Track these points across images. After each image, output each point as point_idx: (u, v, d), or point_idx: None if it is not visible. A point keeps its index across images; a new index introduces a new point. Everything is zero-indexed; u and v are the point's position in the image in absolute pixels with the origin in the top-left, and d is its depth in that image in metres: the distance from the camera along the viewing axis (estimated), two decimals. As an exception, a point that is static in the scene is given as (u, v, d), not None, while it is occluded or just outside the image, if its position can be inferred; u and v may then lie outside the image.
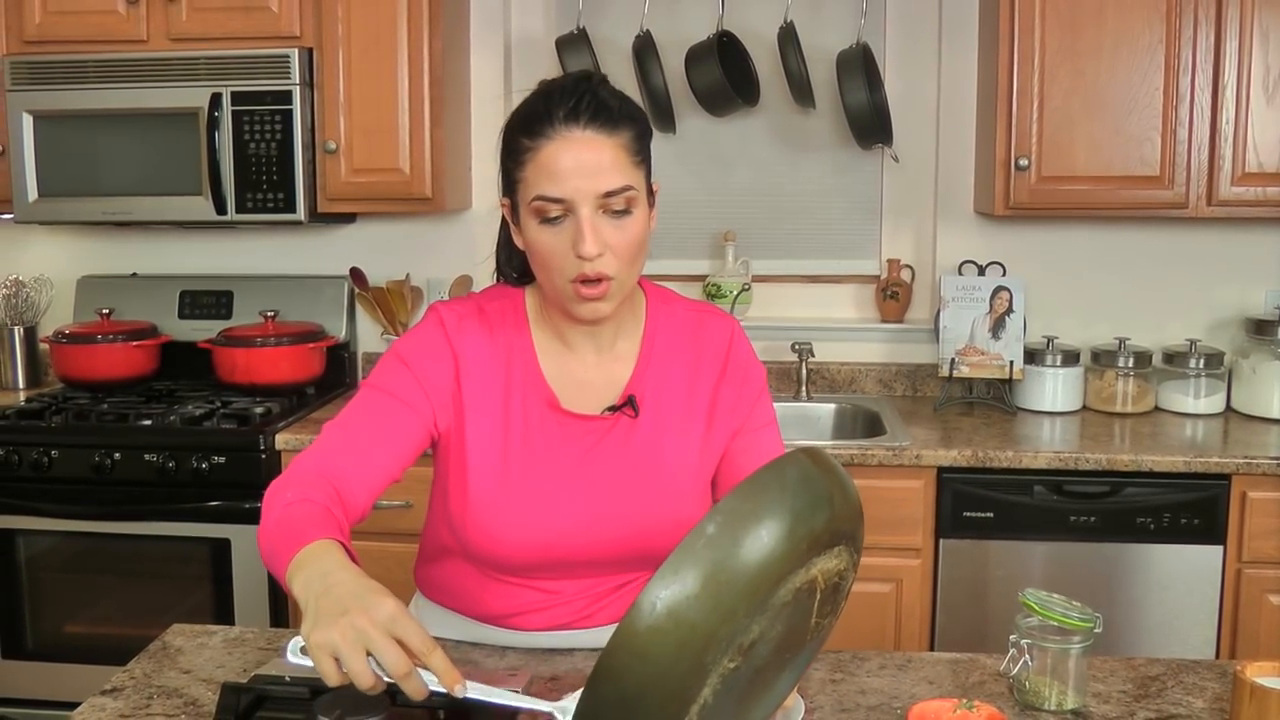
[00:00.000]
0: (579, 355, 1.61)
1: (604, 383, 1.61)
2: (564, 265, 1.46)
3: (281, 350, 3.28)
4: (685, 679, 0.94)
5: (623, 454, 1.58)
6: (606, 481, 1.57)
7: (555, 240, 1.46)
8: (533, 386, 1.59)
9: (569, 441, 1.58)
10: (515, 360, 1.59)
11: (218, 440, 2.99)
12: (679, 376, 1.62)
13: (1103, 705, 1.50)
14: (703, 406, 1.62)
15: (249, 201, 3.18)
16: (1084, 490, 2.79)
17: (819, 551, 1.02)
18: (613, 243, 1.45)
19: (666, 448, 1.59)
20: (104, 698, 1.53)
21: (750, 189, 3.53)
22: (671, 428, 1.60)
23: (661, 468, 1.58)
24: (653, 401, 1.60)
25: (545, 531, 1.56)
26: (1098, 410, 3.25)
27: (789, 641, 1.06)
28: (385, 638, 1.12)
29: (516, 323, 1.61)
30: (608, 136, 1.45)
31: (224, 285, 3.56)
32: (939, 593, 2.86)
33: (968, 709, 1.40)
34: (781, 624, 1.01)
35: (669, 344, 1.63)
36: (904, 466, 2.81)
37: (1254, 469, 2.74)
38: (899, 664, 1.61)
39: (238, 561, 3.00)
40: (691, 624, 0.93)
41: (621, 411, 1.59)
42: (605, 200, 1.44)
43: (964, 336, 3.25)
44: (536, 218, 1.46)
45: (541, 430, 1.58)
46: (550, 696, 1.49)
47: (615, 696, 0.93)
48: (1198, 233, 3.36)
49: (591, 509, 1.56)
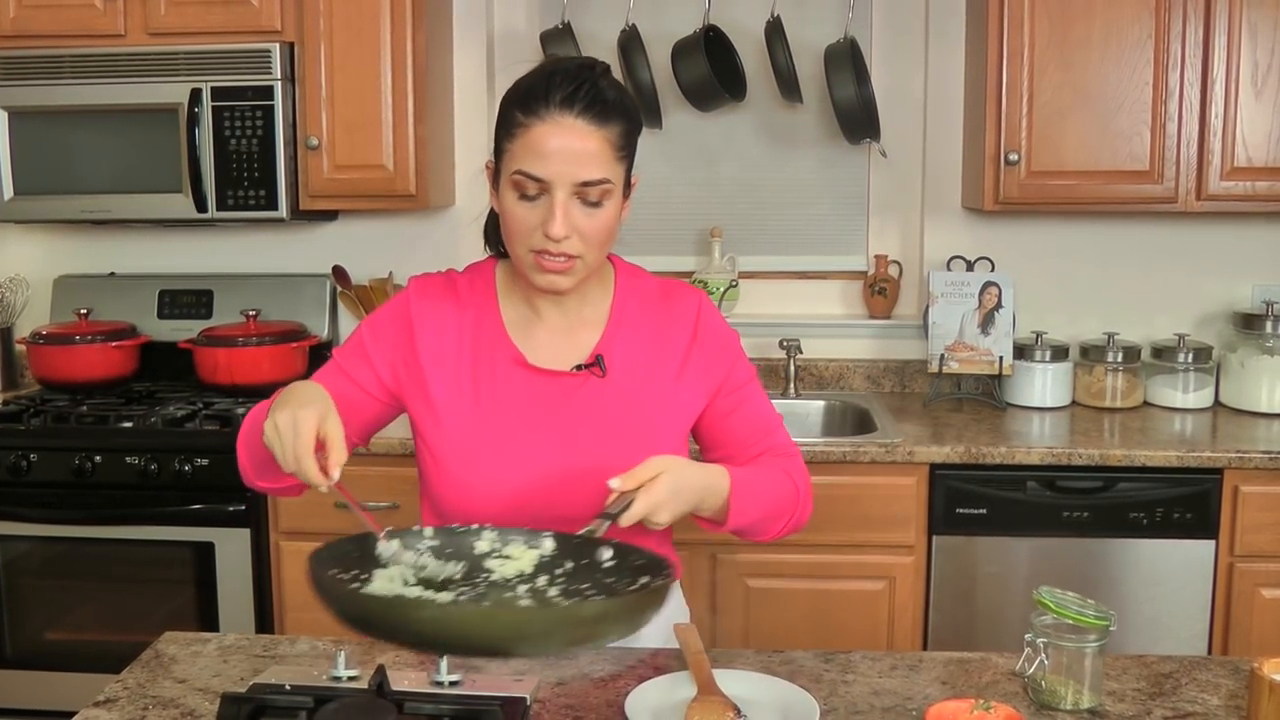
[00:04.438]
0: (546, 322, 1.67)
1: (571, 346, 1.66)
2: (529, 237, 1.54)
3: (263, 350, 3.22)
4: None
5: (592, 412, 1.63)
6: (576, 437, 1.61)
7: (527, 214, 1.53)
8: (500, 347, 1.65)
9: (538, 396, 1.63)
10: (483, 326, 1.66)
11: (200, 442, 2.94)
12: (647, 342, 1.68)
13: (1119, 704, 1.48)
14: (672, 368, 1.67)
15: (230, 199, 3.13)
16: (1077, 486, 2.78)
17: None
18: (581, 227, 1.53)
19: (635, 407, 1.64)
20: (98, 709, 1.49)
21: (737, 185, 3.51)
22: (640, 388, 1.65)
23: (630, 427, 1.62)
24: (621, 363, 1.65)
25: (516, 483, 1.60)
26: (1087, 405, 3.25)
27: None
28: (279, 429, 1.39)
29: (485, 293, 1.69)
30: (597, 128, 1.51)
31: (204, 284, 3.50)
32: (932, 590, 2.84)
33: (985, 710, 1.38)
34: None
35: (637, 312, 1.69)
36: (896, 463, 2.79)
37: (1246, 463, 2.74)
38: (910, 664, 1.59)
39: (222, 565, 2.95)
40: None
41: (590, 370, 1.64)
42: (582, 189, 1.51)
43: (953, 332, 3.24)
44: (515, 190, 1.53)
45: (509, 386, 1.63)
46: (558, 702, 1.47)
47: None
48: (1184, 228, 3.36)
49: (561, 463, 1.60)
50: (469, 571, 1.41)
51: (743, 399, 1.71)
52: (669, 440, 1.65)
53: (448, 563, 1.42)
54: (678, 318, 1.69)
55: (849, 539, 2.82)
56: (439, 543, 1.43)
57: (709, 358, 1.69)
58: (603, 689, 1.52)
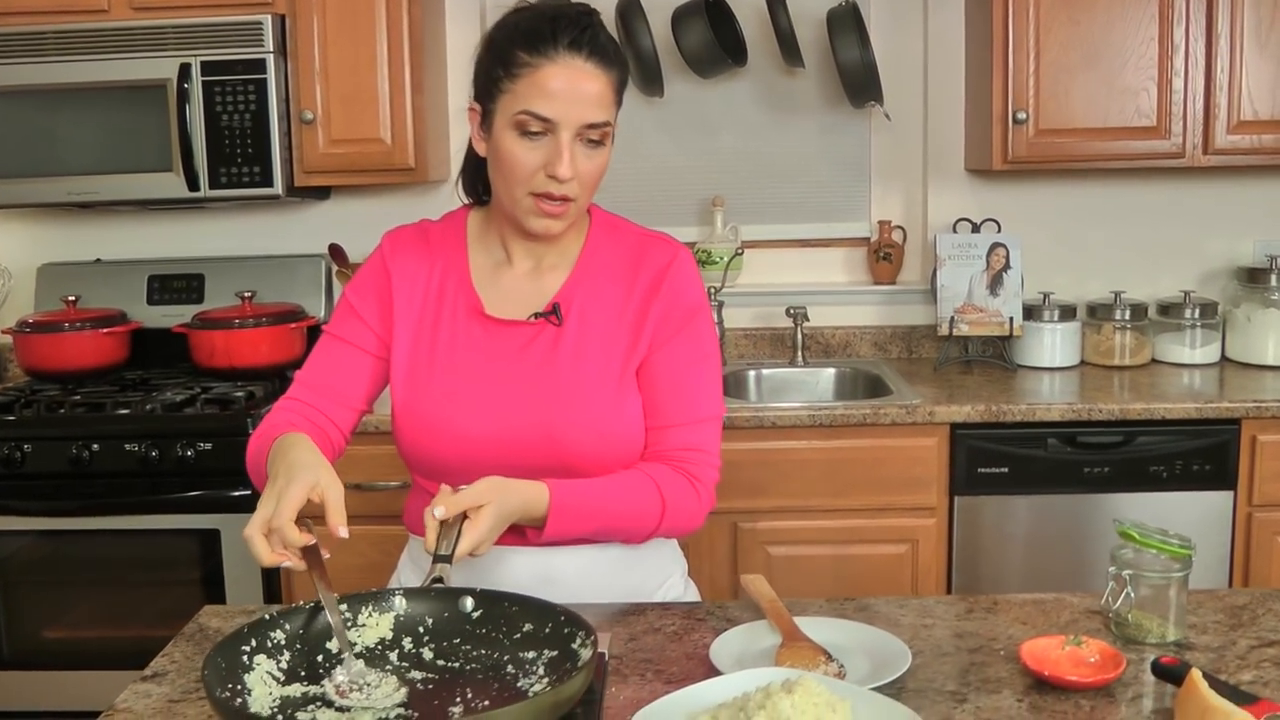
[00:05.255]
0: (516, 268, 1.66)
1: (534, 292, 1.65)
2: (530, 179, 1.53)
3: (261, 331, 3.15)
4: None
5: (544, 361, 1.61)
6: (525, 386, 1.60)
7: (528, 154, 1.52)
8: (462, 297, 1.65)
9: (493, 347, 1.62)
10: (449, 274, 1.66)
11: (202, 426, 2.86)
12: (612, 293, 1.64)
13: (1202, 636, 1.46)
14: (630, 320, 1.63)
15: (223, 176, 3.05)
16: (1096, 441, 2.77)
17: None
18: (582, 170, 1.53)
19: (587, 358, 1.61)
20: (147, 684, 1.43)
21: (738, 153, 3.47)
22: (595, 339, 1.62)
23: (579, 377, 1.60)
24: (579, 313, 1.63)
25: (465, 432, 1.59)
26: (1096, 364, 3.24)
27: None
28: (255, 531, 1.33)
29: (456, 241, 1.69)
30: (604, 72, 1.53)
31: (194, 268, 3.42)
32: (954, 552, 2.82)
33: (1076, 644, 1.35)
34: None
35: (606, 263, 1.66)
36: (917, 425, 2.77)
37: (1263, 412, 2.74)
38: (986, 607, 1.56)
39: (228, 553, 2.87)
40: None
41: (546, 319, 1.62)
42: (586, 130, 1.52)
43: (962, 294, 3.22)
44: (516, 130, 1.52)
45: (467, 336, 1.63)
46: (636, 657, 1.42)
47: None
48: (1186, 185, 3.36)
49: (509, 412, 1.58)
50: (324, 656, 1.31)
51: (680, 365, 1.63)
52: (615, 395, 1.60)
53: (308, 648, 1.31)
54: (648, 269, 1.65)
55: (870, 503, 2.79)
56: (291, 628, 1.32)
57: (664, 312, 1.63)
58: (679, 642, 1.48)
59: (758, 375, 3.30)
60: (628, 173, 3.38)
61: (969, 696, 1.30)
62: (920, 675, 1.35)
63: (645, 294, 1.63)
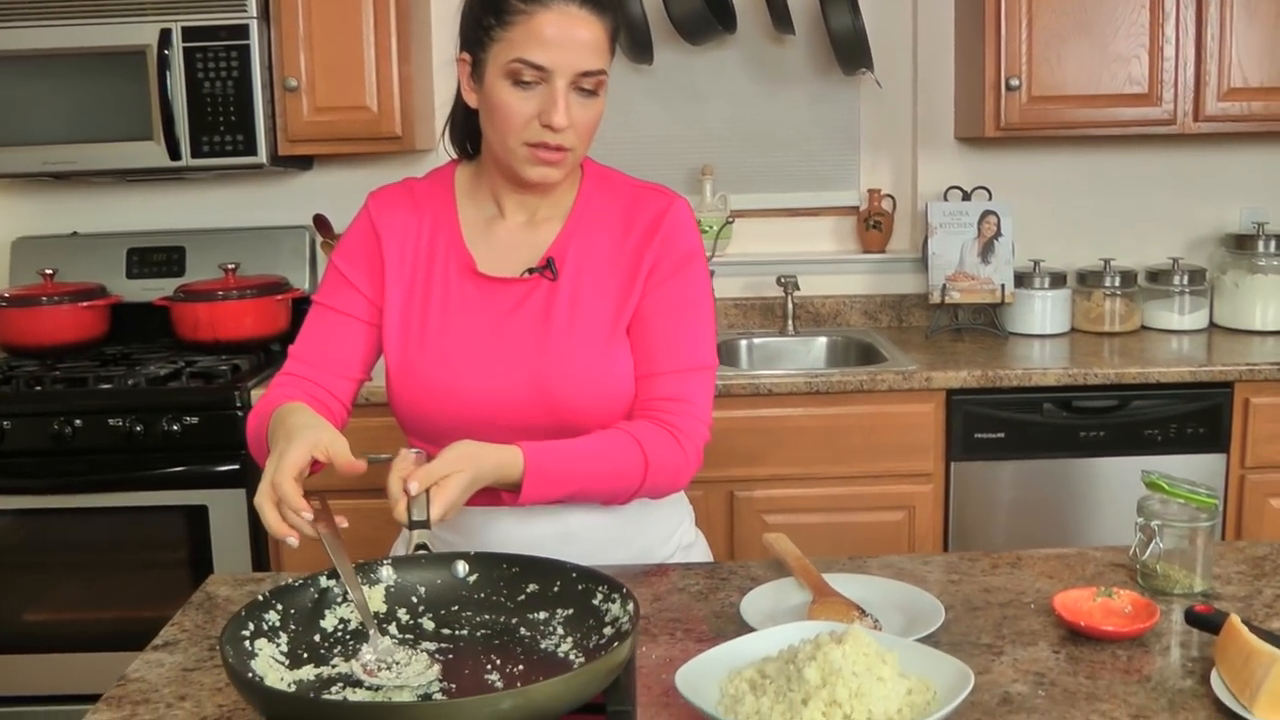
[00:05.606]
0: (509, 221, 1.63)
1: (527, 247, 1.61)
2: (523, 128, 1.50)
3: (245, 304, 3.09)
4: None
5: (538, 317, 1.57)
6: (520, 344, 1.56)
7: (522, 104, 1.49)
8: (453, 254, 1.61)
9: (487, 305, 1.59)
10: (440, 232, 1.62)
11: (188, 399, 2.81)
12: (605, 245, 1.60)
13: (1227, 586, 1.45)
14: (623, 269, 1.59)
15: (205, 145, 2.99)
16: (1092, 406, 2.78)
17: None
18: (577, 119, 1.50)
19: (583, 311, 1.58)
20: (158, 653, 1.39)
21: (727, 122, 3.44)
22: (588, 291, 1.58)
23: (574, 332, 1.56)
24: (574, 266, 1.59)
25: (461, 392, 1.55)
26: (1086, 331, 3.25)
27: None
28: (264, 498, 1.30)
29: (444, 197, 1.64)
30: (598, 19, 1.50)
31: (175, 241, 3.35)
32: (951, 518, 2.82)
33: (1108, 596, 1.35)
34: None
35: (600, 214, 1.62)
36: (914, 390, 2.76)
37: (1256, 375, 2.76)
38: (1010, 563, 1.55)
39: (217, 529, 2.82)
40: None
41: (540, 274, 1.58)
42: (581, 78, 1.48)
43: (953, 262, 3.21)
44: (509, 79, 1.49)
45: (460, 295, 1.59)
46: (663, 617, 1.40)
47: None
48: (1174, 153, 3.37)
49: (504, 371, 1.55)
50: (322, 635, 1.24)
51: (672, 311, 1.58)
52: (612, 345, 1.57)
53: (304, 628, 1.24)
54: (643, 218, 1.60)
55: (867, 470, 2.78)
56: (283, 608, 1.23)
57: (658, 260, 1.58)
58: (705, 601, 1.46)
59: (749, 345, 3.28)
60: (616, 141, 3.34)
61: (1005, 649, 1.29)
62: (954, 630, 1.34)
63: (639, 242, 1.59)
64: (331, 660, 1.19)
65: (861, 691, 1.04)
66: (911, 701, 1.06)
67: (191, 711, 1.23)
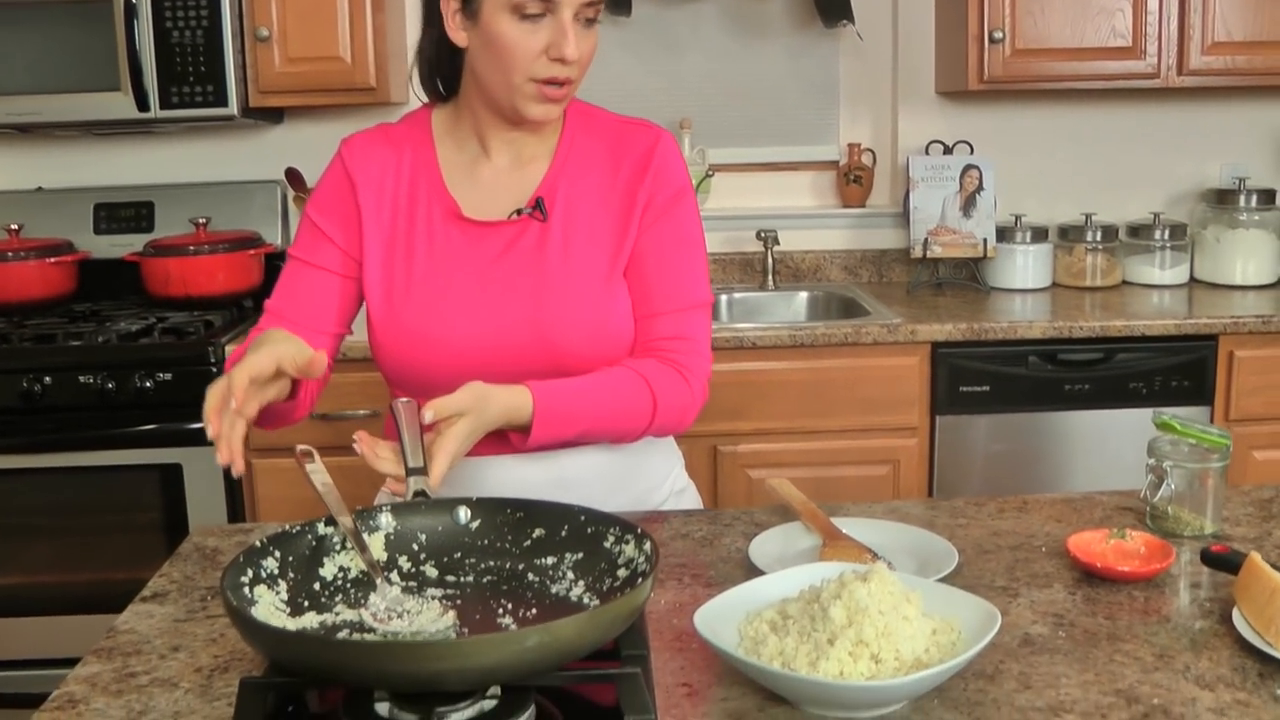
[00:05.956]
0: (494, 162, 1.57)
1: (514, 188, 1.57)
2: (530, 64, 1.45)
3: (218, 259, 3.03)
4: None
5: (531, 259, 1.53)
6: (512, 287, 1.52)
7: (529, 38, 1.44)
8: (436, 200, 1.56)
9: (474, 250, 1.54)
10: (419, 177, 1.57)
11: (161, 355, 2.74)
12: (595, 182, 1.56)
13: (1236, 528, 1.45)
14: (616, 208, 1.56)
15: (174, 96, 2.91)
16: (1077, 359, 2.77)
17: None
18: (582, 50, 1.46)
19: (576, 252, 1.54)
20: (148, 604, 1.35)
21: (705, 76, 3.39)
22: (581, 231, 1.54)
23: (569, 273, 1.52)
24: (564, 205, 1.55)
25: (452, 342, 1.51)
26: (1067, 286, 3.24)
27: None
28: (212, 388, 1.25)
29: (422, 141, 1.58)
30: None
31: (143, 196, 3.27)
32: (935, 472, 2.81)
33: (1121, 538, 1.33)
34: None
35: (586, 150, 1.58)
36: (898, 343, 2.74)
37: (1240, 328, 2.76)
38: (1016, 507, 1.53)
39: (191, 488, 2.76)
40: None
41: (530, 216, 1.54)
42: (585, 8, 1.45)
43: (935, 217, 3.19)
44: (514, 14, 1.43)
45: (445, 241, 1.54)
46: (668, 563, 1.37)
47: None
48: (1155, 108, 3.35)
49: (496, 317, 1.51)
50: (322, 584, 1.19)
51: (670, 248, 1.56)
52: (610, 286, 1.54)
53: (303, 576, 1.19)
54: (631, 154, 1.57)
55: (851, 424, 2.77)
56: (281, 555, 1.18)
57: (651, 196, 1.55)
58: (710, 547, 1.43)
59: (729, 300, 3.25)
60: (592, 94, 3.24)
61: (1021, 591, 1.27)
62: (967, 573, 1.32)
63: (630, 179, 1.55)
64: (335, 608, 1.15)
65: (889, 631, 1.01)
66: (937, 641, 1.04)
67: (186, 663, 1.19)
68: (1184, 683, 1.07)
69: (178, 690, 1.13)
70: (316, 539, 1.20)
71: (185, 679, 1.16)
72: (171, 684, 1.15)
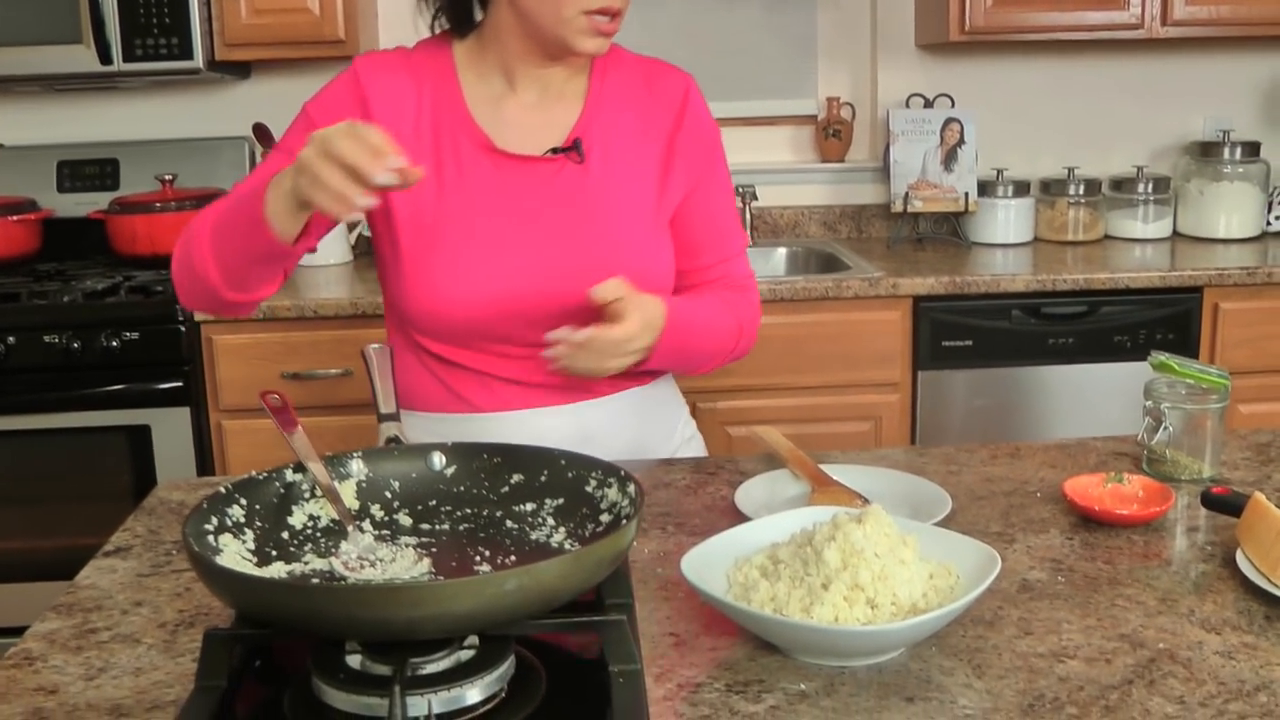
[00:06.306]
0: (520, 98, 1.49)
1: (546, 125, 1.49)
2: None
3: (185, 216, 2.93)
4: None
5: (570, 201, 1.46)
6: (552, 229, 1.45)
7: None
8: (463, 131, 1.47)
9: (508, 185, 1.46)
10: (443, 107, 1.48)
11: (128, 314, 2.68)
12: (629, 123, 1.51)
13: (1235, 472, 1.41)
14: (657, 154, 1.51)
15: (138, 48, 2.83)
16: (1061, 312, 2.74)
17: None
18: None
19: (618, 195, 1.48)
20: (110, 559, 1.30)
21: (680, 28, 3.33)
22: (622, 175, 1.49)
23: (613, 216, 1.47)
24: (601, 148, 1.48)
25: (489, 282, 1.43)
26: (1049, 240, 3.20)
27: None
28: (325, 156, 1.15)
29: (444, 70, 1.50)
30: None
31: (108, 153, 3.19)
32: (918, 428, 2.78)
33: (1118, 481, 1.29)
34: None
35: (618, 90, 1.52)
36: (880, 298, 2.70)
37: (1225, 280, 2.73)
38: (1009, 453, 1.49)
39: (160, 450, 2.71)
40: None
41: (566, 155, 1.47)
42: None
43: (915, 171, 3.14)
44: None
45: (475, 173, 1.46)
46: (651, 511, 1.33)
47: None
48: (1137, 60, 3.31)
49: (537, 258, 1.44)
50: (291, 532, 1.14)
51: (715, 201, 1.56)
52: (650, 233, 1.50)
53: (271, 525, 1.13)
54: (663, 99, 1.52)
55: (832, 380, 2.73)
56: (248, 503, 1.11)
57: (692, 147, 1.52)
58: (694, 495, 1.39)
59: (709, 257, 3.19)
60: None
61: (1016, 537, 1.23)
62: (961, 519, 1.28)
63: (668, 127, 1.50)
64: (304, 557, 1.10)
65: (885, 575, 0.97)
66: (935, 586, 1.00)
67: (149, 618, 1.14)
68: (1189, 626, 1.03)
69: (140, 646, 1.08)
70: (284, 486, 1.15)
71: (148, 635, 1.10)
72: (134, 640, 1.10)
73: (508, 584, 0.85)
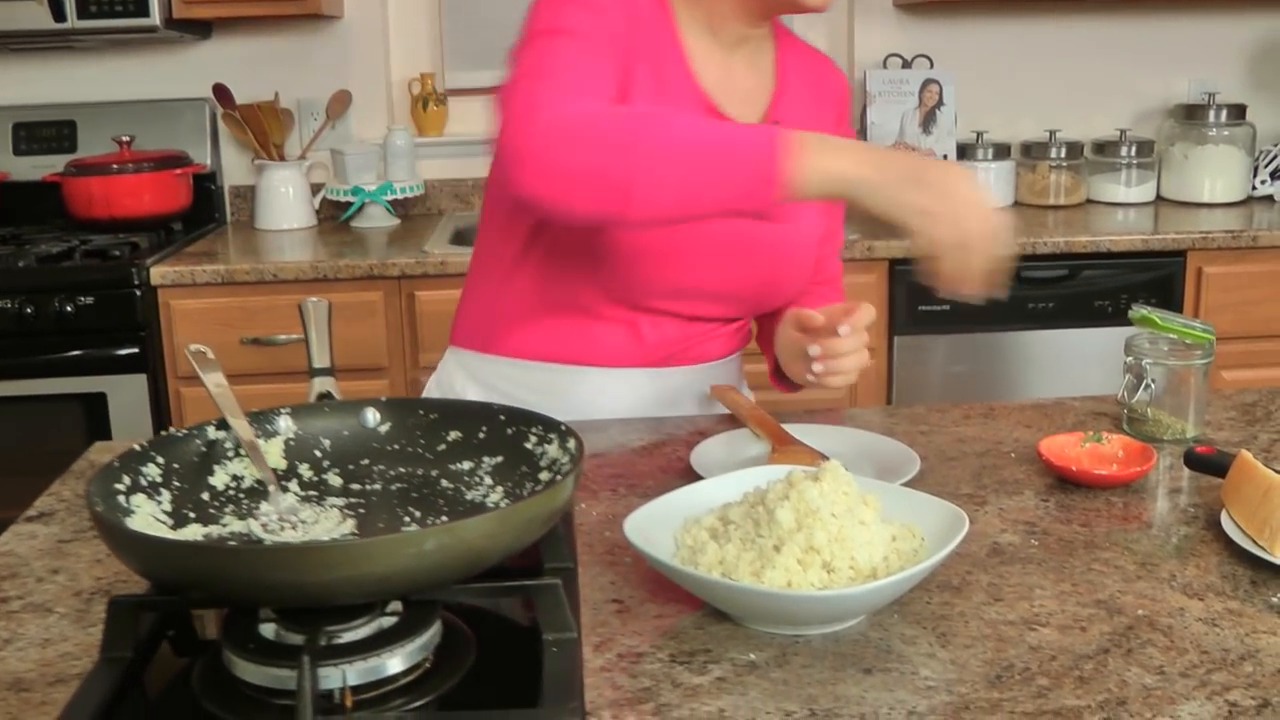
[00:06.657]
0: (731, 61, 1.38)
1: (750, 95, 1.40)
2: None
3: (143, 178, 2.86)
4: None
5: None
6: (750, 226, 1.36)
7: None
8: (685, 89, 1.34)
9: None
10: (666, 61, 1.33)
11: (83, 278, 2.60)
12: (805, 117, 1.41)
13: (1219, 432, 1.35)
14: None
15: (92, 4, 2.73)
16: (1041, 276, 2.67)
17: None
18: None
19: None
20: (32, 525, 1.22)
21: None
22: None
23: (803, 214, 1.42)
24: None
25: (680, 247, 1.34)
26: (1030, 204, 3.13)
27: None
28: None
29: (664, 23, 1.34)
30: None
31: (65, 115, 3.10)
32: (894, 394, 2.71)
33: (1097, 441, 1.23)
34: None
35: (796, 79, 1.45)
36: (854, 260, 2.62)
37: (1209, 244, 2.67)
38: (982, 413, 1.42)
39: (116, 418, 2.63)
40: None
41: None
42: None
43: (893, 132, 3.07)
44: None
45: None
46: (603, 473, 1.26)
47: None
48: (1121, 22, 3.23)
49: (735, 236, 1.35)
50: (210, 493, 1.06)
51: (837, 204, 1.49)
52: (824, 225, 1.48)
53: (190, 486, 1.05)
54: (829, 98, 1.48)
55: (808, 346, 2.65)
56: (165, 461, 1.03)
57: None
58: (649, 456, 1.32)
59: (683, 222, 3.12)
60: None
61: (988, 499, 1.16)
62: (930, 480, 1.21)
63: (830, 124, 1.43)
64: (222, 519, 1.02)
65: (842, 536, 0.90)
66: (898, 549, 0.93)
67: (65, 585, 1.06)
68: (1170, 592, 0.97)
69: (51, 616, 1.01)
70: (206, 444, 1.07)
71: (61, 604, 1.03)
72: (45, 609, 1.02)
73: (427, 543, 0.78)
